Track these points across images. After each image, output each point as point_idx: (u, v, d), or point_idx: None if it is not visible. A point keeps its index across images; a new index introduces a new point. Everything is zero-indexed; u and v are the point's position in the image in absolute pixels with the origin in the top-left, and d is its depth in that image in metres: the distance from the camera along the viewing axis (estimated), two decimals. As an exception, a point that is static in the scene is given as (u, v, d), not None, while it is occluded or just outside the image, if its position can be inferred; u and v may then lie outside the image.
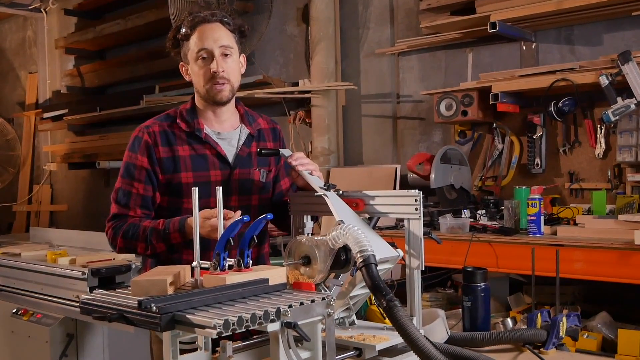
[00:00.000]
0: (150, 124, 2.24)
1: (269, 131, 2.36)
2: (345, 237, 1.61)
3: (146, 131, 2.21)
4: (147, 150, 2.18)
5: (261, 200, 2.26)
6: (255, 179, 2.25)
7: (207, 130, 2.22)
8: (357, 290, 1.72)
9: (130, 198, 2.18)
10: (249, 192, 2.23)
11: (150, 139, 2.19)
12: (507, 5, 3.76)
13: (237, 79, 2.23)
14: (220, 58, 2.15)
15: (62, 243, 4.39)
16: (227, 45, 2.17)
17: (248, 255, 1.66)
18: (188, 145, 2.20)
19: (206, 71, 2.16)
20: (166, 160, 2.18)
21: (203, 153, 2.20)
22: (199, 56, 2.16)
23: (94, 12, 6.90)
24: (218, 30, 2.17)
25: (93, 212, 7.00)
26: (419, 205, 1.76)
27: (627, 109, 3.26)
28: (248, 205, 2.22)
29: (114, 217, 2.20)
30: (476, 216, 3.66)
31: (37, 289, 3.67)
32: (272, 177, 2.32)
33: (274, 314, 1.42)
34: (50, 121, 7.02)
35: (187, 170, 2.17)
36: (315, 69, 4.77)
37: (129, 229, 2.14)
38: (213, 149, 2.20)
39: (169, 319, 1.40)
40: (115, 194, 2.22)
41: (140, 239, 2.11)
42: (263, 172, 2.26)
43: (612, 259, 2.87)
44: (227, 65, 2.17)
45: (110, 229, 2.18)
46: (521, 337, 1.95)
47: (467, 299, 2.04)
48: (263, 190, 2.27)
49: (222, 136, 2.25)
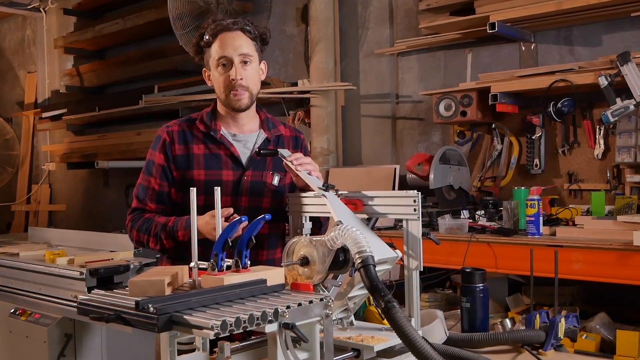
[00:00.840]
0: (171, 124, 2.34)
1: (290, 139, 2.40)
2: (343, 238, 1.60)
3: (166, 130, 2.31)
4: (164, 148, 2.28)
5: (273, 204, 2.28)
6: (268, 182, 2.28)
7: (223, 132, 2.29)
8: (355, 291, 1.71)
9: (147, 193, 2.28)
10: (261, 194, 2.26)
11: (169, 137, 2.28)
12: (506, 6, 3.75)
13: (256, 87, 2.28)
14: (239, 66, 2.20)
15: (61, 243, 4.39)
16: (247, 53, 2.21)
17: (246, 256, 1.66)
18: (203, 145, 2.27)
19: (225, 78, 2.21)
20: (180, 157, 2.26)
21: (217, 152, 2.26)
22: (219, 63, 2.22)
23: (93, 11, 6.90)
24: (239, 38, 2.22)
25: (92, 212, 7.00)
26: (418, 205, 1.75)
27: (627, 109, 3.26)
28: (258, 207, 2.24)
29: (133, 211, 2.30)
30: (475, 217, 3.66)
31: (35, 289, 3.66)
32: (289, 184, 2.32)
33: (271, 314, 1.41)
34: (49, 121, 7.01)
35: (200, 167, 2.24)
36: (315, 69, 4.77)
37: (144, 223, 2.24)
38: (227, 150, 2.26)
39: (166, 319, 1.39)
40: (136, 189, 2.32)
41: (151, 234, 2.20)
42: (277, 177, 2.28)
43: (611, 259, 2.87)
44: (246, 73, 2.22)
45: (129, 222, 2.29)
46: (520, 338, 1.95)
47: (465, 299, 2.04)
48: (276, 195, 2.29)
49: (238, 138, 2.30)
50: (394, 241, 1.78)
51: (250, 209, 2.22)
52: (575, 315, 1.96)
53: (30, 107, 7.57)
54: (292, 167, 2.04)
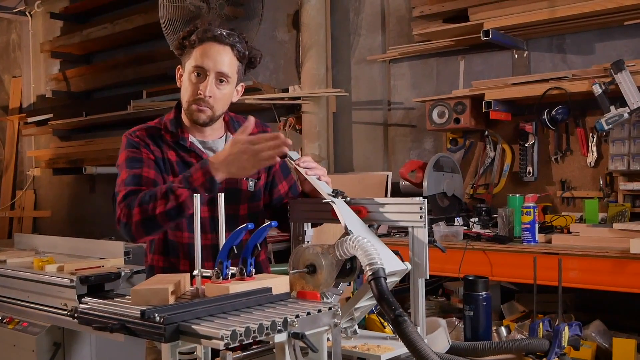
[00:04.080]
0: (135, 129, 2.16)
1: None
2: (354, 249, 1.57)
3: (134, 135, 2.14)
4: (144, 147, 2.10)
5: (250, 209, 2.19)
6: (243, 189, 2.18)
7: (192, 139, 2.15)
8: (363, 302, 1.69)
9: (141, 179, 2.04)
10: (237, 201, 2.16)
11: (141, 140, 2.12)
12: (500, 14, 3.77)
13: (222, 108, 2.14)
14: (213, 82, 2.07)
15: (48, 250, 4.30)
16: (225, 73, 2.07)
17: (251, 264, 1.63)
18: (175, 152, 2.13)
19: (194, 89, 2.07)
20: (158, 159, 2.11)
21: (189, 161, 2.12)
22: (194, 70, 2.07)
23: (80, 15, 6.84)
24: (224, 54, 2.07)
25: (77, 218, 6.92)
26: (424, 213, 1.73)
27: (621, 117, 3.27)
28: (235, 214, 2.14)
29: (125, 197, 2.00)
30: (469, 224, 3.65)
31: (23, 296, 3.58)
32: (263, 184, 2.25)
33: (281, 324, 1.38)
34: (34, 126, 6.93)
35: (175, 175, 2.08)
36: (306, 75, 4.75)
37: (144, 195, 1.95)
38: (199, 157, 2.12)
39: (173, 329, 1.35)
40: (122, 182, 2.04)
41: (159, 196, 1.91)
42: (251, 182, 2.19)
43: (608, 267, 2.88)
44: (218, 92, 2.08)
45: (124, 207, 1.96)
46: (524, 346, 1.92)
47: (468, 308, 2.02)
48: (252, 199, 2.20)
49: (208, 145, 2.18)
50: (390, 248, 1.75)
51: (227, 217, 2.13)
52: (579, 324, 1.95)
53: (15, 111, 7.48)
54: (302, 171, 1.97)
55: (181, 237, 2.12)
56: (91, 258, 3.83)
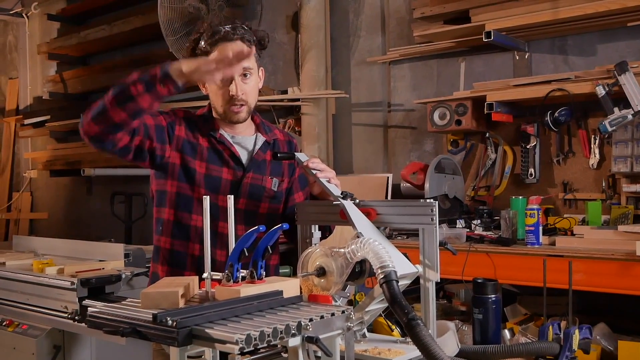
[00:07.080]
0: (178, 109, 2.21)
1: (285, 143, 2.32)
2: (365, 251, 1.56)
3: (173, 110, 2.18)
4: (168, 118, 2.12)
5: (270, 209, 2.21)
6: (267, 187, 2.20)
7: (222, 132, 2.19)
8: (373, 305, 1.67)
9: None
10: (259, 198, 2.19)
11: (174, 117, 2.14)
12: (502, 15, 3.76)
13: (254, 98, 2.20)
14: (239, 79, 2.11)
15: (47, 252, 4.26)
16: (247, 66, 2.11)
17: (261, 267, 1.61)
18: (207, 140, 2.17)
19: (225, 92, 2.12)
20: (185, 141, 2.14)
21: (219, 149, 2.17)
22: None
23: (77, 17, 6.80)
24: (238, 49, 2.07)
25: (74, 220, 6.88)
26: (435, 215, 1.72)
27: (625, 119, 3.27)
28: (255, 211, 2.18)
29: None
30: (471, 226, 3.64)
31: (22, 299, 3.55)
32: (285, 189, 2.26)
33: (295, 328, 1.36)
34: (31, 127, 6.87)
35: (203, 159, 2.14)
36: (305, 76, 4.73)
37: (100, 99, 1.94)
38: (228, 149, 2.17)
39: (186, 333, 1.33)
40: None
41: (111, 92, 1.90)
42: (275, 181, 2.22)
43: (613, 270, 2.86)
44: (246, 87, 2.13)
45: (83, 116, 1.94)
46: (534, 350, 1.91)
47: (477, 311, 2.01)
48: (273, 200, 2.22)
49: (237, 140, 2.22)
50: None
51: (247, 213, 2.16)
52: (589, 327, 1.94)
53: (12, 113, 7.42)
54: (312, 173, 1.98)
55: (192, 248, 2.15)
56: (90, 260, 3.80)
